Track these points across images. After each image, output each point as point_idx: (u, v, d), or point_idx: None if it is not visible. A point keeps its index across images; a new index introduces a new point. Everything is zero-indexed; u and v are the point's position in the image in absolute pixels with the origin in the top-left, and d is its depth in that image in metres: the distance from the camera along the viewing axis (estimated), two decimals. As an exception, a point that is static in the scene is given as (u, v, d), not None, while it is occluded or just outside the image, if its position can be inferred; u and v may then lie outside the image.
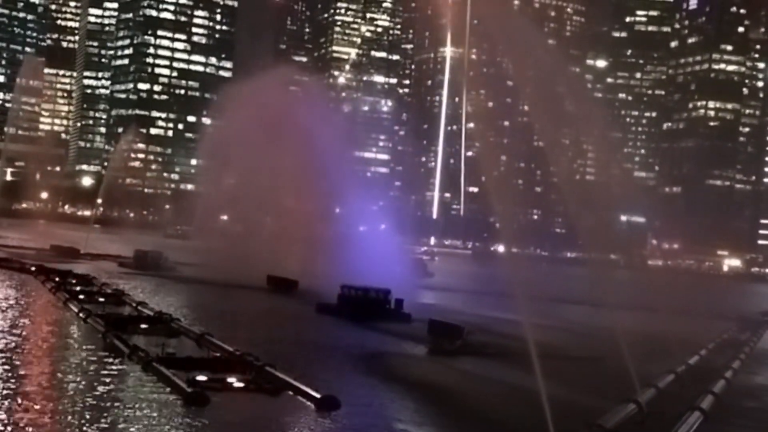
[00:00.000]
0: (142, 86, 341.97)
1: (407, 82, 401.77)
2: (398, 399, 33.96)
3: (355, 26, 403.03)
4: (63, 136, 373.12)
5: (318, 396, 30.58)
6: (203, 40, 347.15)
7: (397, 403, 33.11)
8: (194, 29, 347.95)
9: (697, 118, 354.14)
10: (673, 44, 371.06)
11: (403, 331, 54.54)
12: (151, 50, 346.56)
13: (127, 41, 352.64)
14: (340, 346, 48.45)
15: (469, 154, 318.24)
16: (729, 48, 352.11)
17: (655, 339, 52.21)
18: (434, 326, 51.33)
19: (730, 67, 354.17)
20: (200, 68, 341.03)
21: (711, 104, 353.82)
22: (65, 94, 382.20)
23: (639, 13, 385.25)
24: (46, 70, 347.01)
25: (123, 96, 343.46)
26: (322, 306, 62.22)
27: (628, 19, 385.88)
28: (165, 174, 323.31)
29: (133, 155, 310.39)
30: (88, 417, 26.61)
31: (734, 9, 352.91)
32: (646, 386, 35.50)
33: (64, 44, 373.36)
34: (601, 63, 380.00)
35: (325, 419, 29.05)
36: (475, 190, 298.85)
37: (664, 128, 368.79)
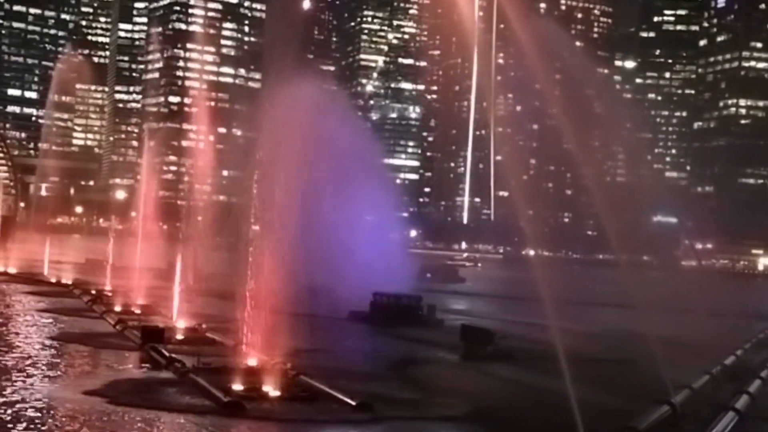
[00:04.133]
0: (172, 99, 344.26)
1: (435, 88, 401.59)
2: (431, 404, 34.22)
3: (382, 34, 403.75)
4: (96, 150, 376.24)
5: (353, 403, 30.88)
6: (232, 52, 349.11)
7: (430, 408, 33.36)
8: (223, 41, 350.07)
9: (728, 117, 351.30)
10: (702, 43, 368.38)
11: (435, 337, 54.79)
12: (181, 63, 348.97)
13: (157, 55, 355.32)
14: (373, 352, 48.81)
15: (499, 158, 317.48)
16: (759, 45, 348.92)
17: (689, 340, 52.09)
18: (466, 331, 51.57)
19: (761, 65, 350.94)
20: (229, 80, 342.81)
21: (742, 102, 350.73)
22: (97, 109, 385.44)
23: (667, 12, 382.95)
24: (78, 86, 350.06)
25: (154, 109, 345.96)
26: (354, 313, 62.54)
27: (656, 19, 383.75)
28: (197, 186, 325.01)
29: (165, 168, 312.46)
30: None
31: (763, 6, 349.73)
32: (680, 387, 35.43)
33: (95, 59, 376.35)
34: (630, 64, 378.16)
35: (360, 426, 29.36)
36: (505, 194, 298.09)
37: (694, 127, 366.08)
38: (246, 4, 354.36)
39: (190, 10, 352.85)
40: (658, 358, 35.76)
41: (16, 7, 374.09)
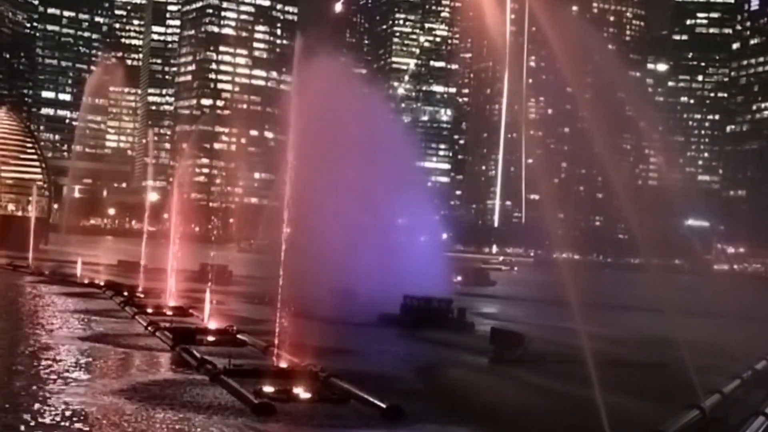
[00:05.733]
0: (205, 102, 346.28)
1: (466, 91, 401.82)
2: (459, 408, 34.32)
3: (414, 37, 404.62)
4: (129, 152, 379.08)
5: (383, 406, 31.03)
6: (264, 55, 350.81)
7: (458, 411, 33.46)
8: (255, 44, 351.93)
9: (761, 120, 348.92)
10: (735, 46, 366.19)
11: (464, 341, 54.86)
12: (214, 66, 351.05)
13: (190, 58, 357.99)
14: (402, 355, 48.91)
15: (530, 161, 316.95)
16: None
17: (720, 344, 51.86)
18: (496, 335, 51.60)
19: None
20: (261, 83, 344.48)
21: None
22: (130, 111, 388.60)
23: (699, 15, 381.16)
24: (112, 88, 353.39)
25: (187, 112, 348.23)
26: (385, 316, 62.67)
27: (688, 22, 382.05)
28: (228, 188, 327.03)
29: (197, 170, 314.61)
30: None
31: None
32: (711, 392, 35.28)
33: (129, 62, 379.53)
34: (662, 67, 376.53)
35: (390, 429, 29.51)
36: (536, 197, 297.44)
37: (727, 131, 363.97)
38: (278, 7, 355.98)
39: (223, 13, 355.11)
40: (689, 363, 35.66)
41: (50, 10, 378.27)
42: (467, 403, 35.66)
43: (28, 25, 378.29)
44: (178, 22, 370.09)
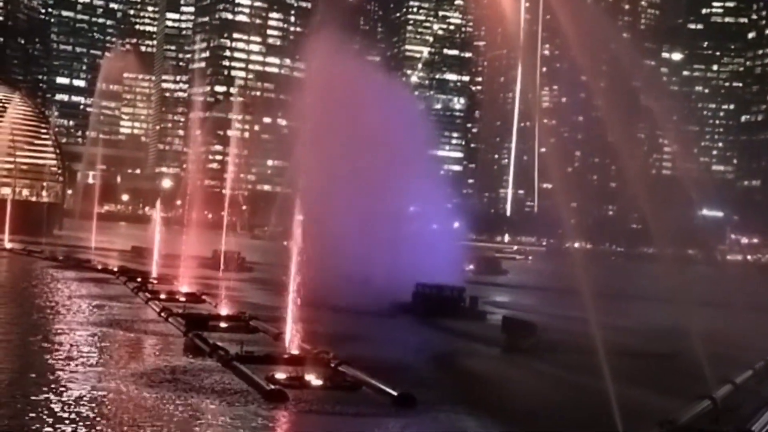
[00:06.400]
0: (218, 89, 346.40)
1: (480, 79, 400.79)
2: (470, 396, 34.40)
3: (428, 25, 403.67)
4: (143, 139, 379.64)
5: (395, 393, 31.13)
6: (278, 42, 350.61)
7: (469, 400, 33.53)
8: (269, 31, 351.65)
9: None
10: (751, 35, 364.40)
11: (476, 329, 54.91)
12: (227, 53, 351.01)
13: (204, 44, 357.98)
14: (414, 343, 49.03)
15: (543, 150, 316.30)
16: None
17: (732, 335, 51.86)
18: (508, 323, 51.63)
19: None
20: (275, 70, 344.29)
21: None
22: (144, 98, 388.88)
23: (715, 4, 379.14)
24: (126, 74, 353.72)
25: (200, 99, 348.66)
26: (396, 304, 62.76)
27: (704, 11, 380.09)
28: (242, 175, 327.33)
29: (210, 157, 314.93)
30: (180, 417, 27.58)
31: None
32: (722, 382, 35.32)
33: (143, 48, 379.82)
34: (677, 56, 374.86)
35: (401, 416, 29.61)
36: (549, 186, 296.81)
37: (742, 120, 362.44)
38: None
39: (237, 0, 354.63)
40: (701, 353, 35.67)
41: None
42: (479, 393, 35.75)
43: (43, 10, 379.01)
44: (192, 9, 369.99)
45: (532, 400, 34.21)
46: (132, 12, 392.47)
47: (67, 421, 25.49)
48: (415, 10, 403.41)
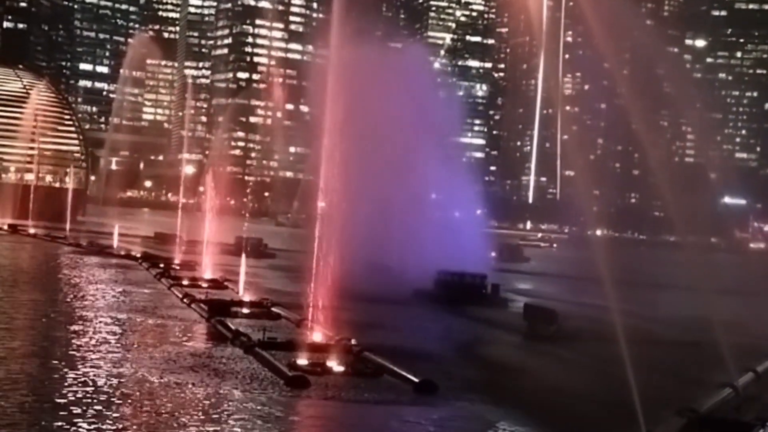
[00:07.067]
0: (241, 75, 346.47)
1: (502, 66, 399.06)
2: (492, 383, 34.46)
3: (450, 11, 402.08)
4: (165, 125, 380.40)
5: (416, 380, 31.23)
6: (300, 29, 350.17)
7: (491, 387, 33.59)
8: (291, 18, 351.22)
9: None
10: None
11: (498, 316, 54.98)
12: (250, 39, 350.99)
13: (226, 31, 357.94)
14: (436, 331, 49.10)
15: (565, 137, 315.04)
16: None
17: (754, 323, 51.63)
18: (529, 310, 51.62)
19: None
20: (297, 56, 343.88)
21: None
22: (167, 84, 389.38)
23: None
24: (149, 61, 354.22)
25: (223, 85, 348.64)
26: (418, 291, 62.81)
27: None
28: (264, 162, 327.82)
29: (233, 143, 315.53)
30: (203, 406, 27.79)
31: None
32: (744, 371, 35.24)
33: (166, 35, 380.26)
34: (701, 43, 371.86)
35: (423, 403, 29.70)
36: (572, 173, 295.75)
37: (765, 108, 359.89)
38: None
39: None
40: (723, 341, 35.57)
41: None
42: (500, 380, 35.82)
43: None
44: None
45: (552, 387, 34.22)
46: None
47: (95, 403, 25.78)
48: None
